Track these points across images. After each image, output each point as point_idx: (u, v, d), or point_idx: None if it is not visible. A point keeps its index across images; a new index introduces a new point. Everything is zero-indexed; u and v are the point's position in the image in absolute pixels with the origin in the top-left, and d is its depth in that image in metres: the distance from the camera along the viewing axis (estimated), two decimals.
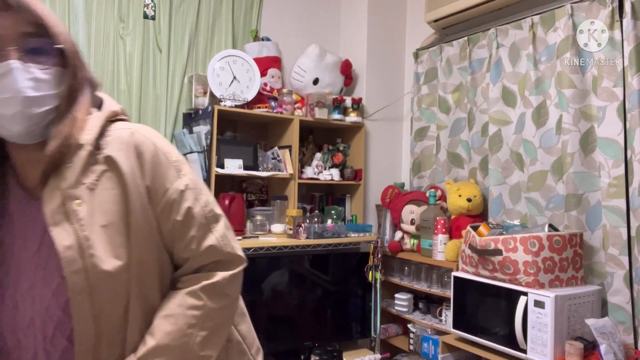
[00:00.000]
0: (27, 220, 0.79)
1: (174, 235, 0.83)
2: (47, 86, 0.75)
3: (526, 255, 1.74)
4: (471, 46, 2.43)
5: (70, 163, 0.76)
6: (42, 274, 0.77)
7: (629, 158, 1.78)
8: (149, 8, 2.50)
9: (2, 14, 0.72)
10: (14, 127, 0.74)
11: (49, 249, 0.76)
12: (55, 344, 0.77)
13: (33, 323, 0.77)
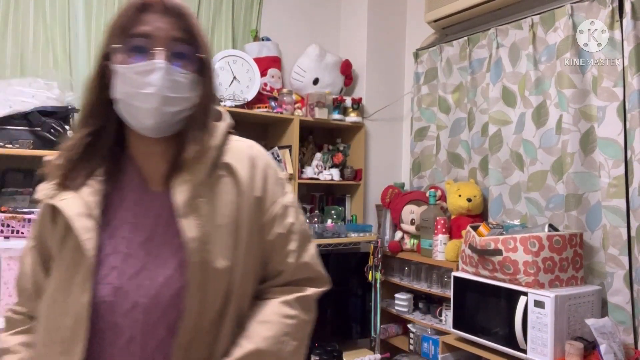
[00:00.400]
0: (141, 208, 0.83)
1: (274, 247, 0.88)
2: (183, 89, 0.80)
3: (526, 255, 1.74)
4: (471, 46, 2.43)
5: (199, 163, 0.82)
6: (153, 262, 0.80)
7: (629, 158, 1.78)
8: None
9: (161, 17, 0.79)
10: (146, 121, 0.79)
11: (163, 238, 0.81)
12: (154, 333, 0.78)
13: (135, 308, 0.78)
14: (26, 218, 1.82)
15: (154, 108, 0.78)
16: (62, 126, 2.00)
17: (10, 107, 1.89)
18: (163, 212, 0.82)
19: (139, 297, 0.78)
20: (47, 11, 2.27)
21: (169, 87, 0.78)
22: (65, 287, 0.78)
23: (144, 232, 0.81)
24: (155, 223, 0.82)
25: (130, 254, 0.80)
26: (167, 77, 0.78)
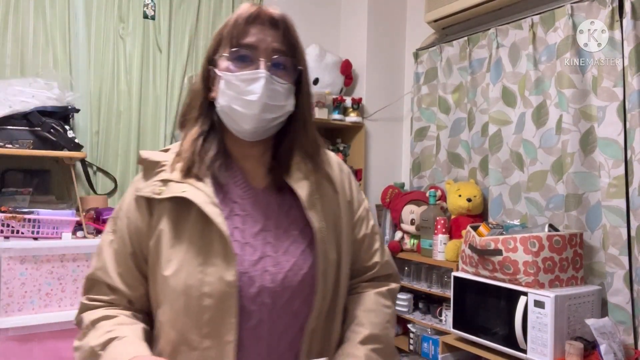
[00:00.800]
0: (247, 202, 0.89)
1: (362, 246, 0.99)
2: (281, 97, 0.87)
3: (526, 255, 1.74)
4: (471, 46, 2.43)
5: (305, 165, 0.91)
6: (272, 250, 0.86)
7: (629, 158, 1.78)
8: (149, 8, 2.50)
9: (266, 29, 0.86)
10: (246, 125, 0.86)
11: (277, 229, 0.88)
12: (280, 318, 0.84)
13: (262, 293, 0.83)
14: (26, 218, 1.82)
15: (255, 114, 0.84)
16: (62, 126, 2.00)
17: (10, 107, 1.89)
18: (271, 206, 0.90)
19: (265, 282, 0.83)
20: (47, 11, 2.27)
21: (269, 96, 0.84)
22: (200, 271, 0.81)
23: (256, 223, 0.88)
24: (265, 216, 0.89)
25: (247, 243, 0.85)
26: (268, 86, 0.84)
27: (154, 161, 0.90)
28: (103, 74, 2.40)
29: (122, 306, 0.89)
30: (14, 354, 1.76)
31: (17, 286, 1.77)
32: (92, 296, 0.90)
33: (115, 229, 0.91)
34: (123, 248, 0.89)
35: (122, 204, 0.92)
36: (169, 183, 0.86)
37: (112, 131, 2.42)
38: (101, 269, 0.89)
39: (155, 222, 0.87)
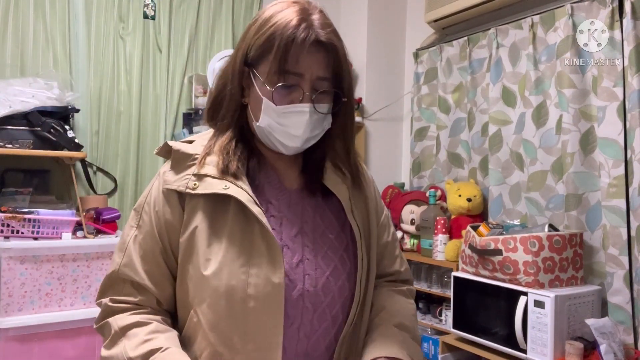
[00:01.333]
0: (282, 204, 0.87)
1: (385, 251, 1.00)
2: (321, 124, 0.85)
3: (526, 255, 1.74)
4: (471, 46, 2.43)
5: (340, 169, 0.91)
6: (312, 253, 0.85)
7: (629, 158, 1.78)
8: (149, 8, 2.50)
9: (315, 54, 0.81)
10: (284, 151, 0.85)
11: (314, 232, 0.87)
12: (320, 321, 0.83)
13: (302, 296, 0.82)
14: (26, 218, 1.82)
15: (296, 147, 0.84)
16: (62, 126, 2.00)
17: (10, 107, 1.89)
18: (306, 209, 0.88)
19: (306, 285, 0.82)
20: (47, 11, 2.27)
21: (311, 129, 0.83)
22: (243, 272, 0.78)
23: (292, 226, 0.86)
24: (301, 219, 0.87)
25: (286, 245, 0.83)
26: (311, 120, 0.82)
27: (186, 153, 0.85)
28: (103, 74, 2.40)
29: (150, 308, 0.84)
30: (14, 354, 1.76)
31: (17, 286, 1.77)
32: (116, 297, 0.83)
33: (140, 224, 0.85)
34: (151, 243, 0.83)
35: (148, 197, 0.86)
36: (205, 178, 0.82)
37: (112, 131, 2.42)
38: (127, 266, 0.83)
39: (187, 218, 0.82)
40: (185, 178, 0.82)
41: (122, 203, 2.43)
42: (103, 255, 1.91)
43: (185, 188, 0.81)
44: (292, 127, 0.81)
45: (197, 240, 0.81)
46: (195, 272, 0.80)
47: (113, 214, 2.10)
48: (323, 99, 0.83)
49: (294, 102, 0.81)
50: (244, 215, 0.80)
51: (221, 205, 0.81)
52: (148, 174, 2.50)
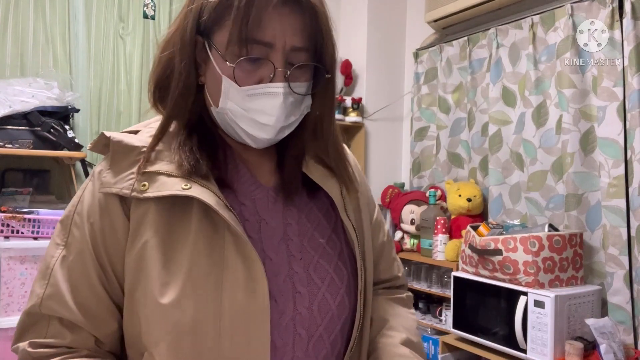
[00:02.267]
0: (260, 205, 0.70)
1: (381, 253, 0.85)
2: (297, 108, 0.67)
3: (526, 255, 1.74)
4: (471, 46, 2.43)
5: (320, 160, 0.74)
6: (299, 265, 0.67)
7: (629, 158, 1.78)
8: (149, 8, 2.50)
9: (288, 16, 0.62)
10: (252, 143, 0.68)
11: (301, 238, 0.70)
12: (317, 349, 0.67)
13: (294, 323, 0.65)
14: (26, 218, 1.82)
15: (268, 139, 0.66)
16: (62, 126, 2.00)
17: (10, 107, 1.89)
18: (289, 209, 0.71)
19: (298, 307, 0.65)
20: (47, 11, 2.27)
21: (287, 115, 0.65)
22: (213, 298, 0.60)
23: (274, 231, 0.68)
24: (284, 222, 0.70)
25: (267, 257, 0.66)
26: (286, 103, 0.64)
27: (130, 145, 0.65)
28: (103, 74, 2.40)
29: (85, 351, 0.63)
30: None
31: (17, 286, 1.77)
32: (38, 341, 0.62)
33: (69, 241, 0.65)
34: (85, 266, 0.63)
35: (79, 206, 0.66)
36: (156, 177, 0.63)
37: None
38: (52, 298, 0.62)
39: (134, 230, 0.63)
40: (129, 178, 0.63)
41: None
42: None
43: (130, 191, 0.62)
44: (261, 114, 0.64)
45: (148, 258, 0.61)
46: (147, 302, 0.61)
47: None
48: (300, 76, 0.65)
49: (263, 81, 0.63)
50: (210, 223, 0.62)
51: (179, 212, 0.63)
52: None
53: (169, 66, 0.67)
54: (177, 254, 0.61)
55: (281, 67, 0.63)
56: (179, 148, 0.65)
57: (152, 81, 0.70)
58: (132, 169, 0.64)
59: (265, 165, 0.73)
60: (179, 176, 0.63)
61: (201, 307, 0.59)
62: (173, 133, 0.68)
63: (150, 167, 0.64)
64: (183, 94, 0.66)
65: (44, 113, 1.97)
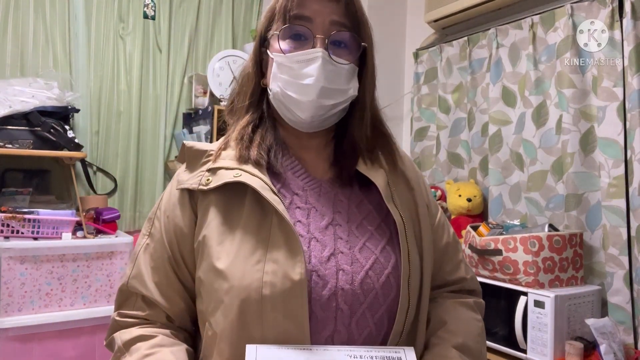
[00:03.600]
0: (310, 195, 0.77)
1: (445, 256, 0.85)
2: (341, 80, 0.76)
3: (526, 255, 1.74)
4: (471, 46, 2.43)
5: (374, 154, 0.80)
6: (346, 246, 0.72)
7: (629, 158, 1.78)
8: (149, 8, 2.50)
9: (327, 1, 0.74)
10: (302, 113, 0.75)
11: (349, 224, 0.75)
12: (360, 326, 0.70)
13: (336, 296, 0.68)
14: (26, 218, 1.82)
15: (312, 100, 0.73)
16: (62, 126, 2.01)
17: (10, 107, 1.89)
18: (339, 199, 0.77)
19: (340, 282, 0.69)
20: (47, 11, 2.27)
21: (327, 78, 0.73)
22: (257, 269, 0.68)
23: (322, 217, 0.74)
24: (333, 210, 0.75)
25: (314, 237, 0.72)
26: (326, 67, 0.73)
27: (200, 150, 0.78)
28: (103, 74, 2.40)
29: (159, 323, 0.76)
30: (14, 354, 1.76)
31: (17, 286, 1.77)
32: (124, 311, 0.77)
33: (152, 231, 0.78)
34: (161, 253, 0.75)
35: (160, 202, 0.80)
36: (218, 171, 0.74)
37: (112, 131, 2.42)
38: (136, 278, 0.76)
39: (201, 220, 0.74)
40: (199, 175, 0.75)
41: (122, 203, 2.43)
42: (103, 255, 1.91)
43: (197, 185, 0.74)
44: (304, 77, 0.73)
45: (209, 240, 0.72)
46: (206, 277, 0.71)
47: (113, 214, 2.10)
48: (342, 54, 0.75)
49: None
50: (260, 206, 0.71)
51: (236, 198, 0.73)
52: (148, 174, 2.51)
53: (241, 79, 0.81)
54: (231, 233, 0.71)
55: (321, 34, 0.73)
56: (240, 144, 0.76)
57: (230, 97, 0.84)
58: (202, 168, 0.76)
59: (321, 163, 0.81)
60: (235, 167, 0.73)
61: (246, 277, 0.67)
62: (238, 130, 0.78)
63: (215, 164, 0.75)
64: (247, 93, 0.79)
65: (44, 113, 1.97)
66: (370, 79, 0.82)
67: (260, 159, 0.74)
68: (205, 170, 0.75)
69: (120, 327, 0.76)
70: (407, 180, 0.82)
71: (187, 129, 2.50)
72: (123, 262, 1.94)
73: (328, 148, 0.81)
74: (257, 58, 0.79)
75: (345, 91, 0.76)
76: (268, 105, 0.81)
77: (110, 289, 1.92)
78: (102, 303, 1.90)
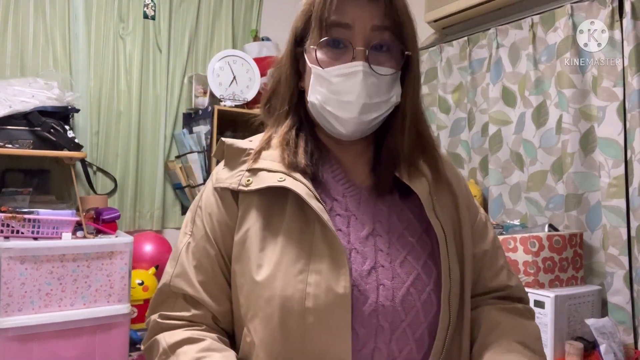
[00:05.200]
0: (351, 201, 0.74)
1: (484, 261, 0.81)
2: (384, 91, 0.71)
3: (526, 255, 1.74)
4: (471, 46, 2.43)
5: (417, 160, 0.76)
6: (386, 259, 0.69)
7: (629, 158, 1.78)
8: (149, 8, 2.50)
9: (367, 3, 0.68)
10: (341, 129, 0.73)
11: (389, 234, 0.72)
12: (401, 343, 0.67)
13: (376, 313, 0.66)
14: (26, 218, 1.82)
15: (352, 117, 0.70)
16: (62, 126, 2.00)
17: (10, 107, 1.89)
18: (379, 208, 0.74)
19: (381, 298, 0.67)
20: (47, 11, 2.27)
21: (368, 94, 0.69)
22: (300, 280, 0.66)
23: (363, 226, 0.71)
24: (374, 219, 0.72)
25: (354, 249, 0.69)
26: (367, 82, 0.68)
27: (240, 148, 0.76)
28: (103, 74, 2.40)
29: (205, 325, 0.72)
30: (14, 354, 1.76)
31: (17, 286, 1.77)
32: (166, 313, 0.73)
33: (193, 230, 0.76)
34: (205, 251, 0.73)
35: (199, 201, 0.77)
36: (259, 173, 0.72)
37: (112, 131, 2.42)
38: (180, 276, 0.73)
39: (241, 218, 0.72)
40: (238, 174, 0.73)
41: (122, 203, 2.43)
42: (103, 255, 1.91)
43: (238, 185, 0.72)
44: (344, 94, 0.69)
45: (249, 243, 0.70)
46: (246, 281, 0.69)
47: (113, 214, 2.10)
48: (384, 61, 0.70)
49: (345, 62, 0.69)
50: (303, 213, 0.69)
51: (278, 202, 0.71)
52: (148, 173, 2.51)
53: (278, 79, 0.78)
54: (272, 239, 0.69)
55: (361, 46, 0.68)
56: (281, 147, 0.74)
57: (264, 97, 0.82)
58: (242, 167, 0.74)
59: (361, 168, 0.78)
60: (278, 171, 0.71)
61: (288, 287, 0.65)
62: (279, 136, 0.76)
63: (255, 164, 0.73)
64: (286, 97, 0.77)
65: (44, 113, 1.97)
66: (414, 85, 0.74)
67: (307, 168, 0.72)
68: (246, 170, 0.73)
69: (162, 329, 0.72)
70: (449, 185, 0.78)
71: (187, 129, 2.50)
72: (123, 262, 1.94)
73: (368, 152, 0.78)
74: (292, 60, 0.75)
75: (387, 101, 0.72)
76: (306, 109, 0.77)
77: (110, 289, 1.92)
78: (102, 303, 1.90)
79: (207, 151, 2.35)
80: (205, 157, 2.36)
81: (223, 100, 2.40)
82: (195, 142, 2.41)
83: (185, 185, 2.44)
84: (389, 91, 0.71)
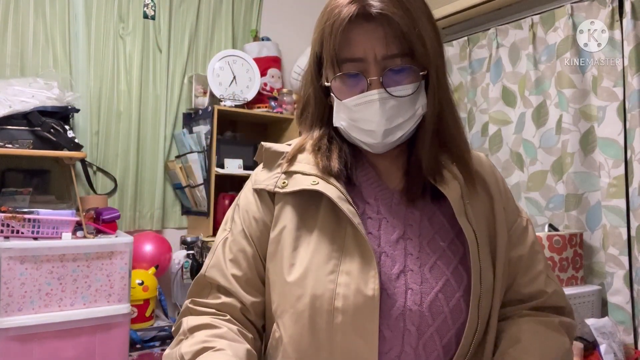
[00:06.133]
0: (383, 205, 0.75)
1: (519, 266, 0.79)
2: (404, 111, 0.71)
3: None
4: (471, 46, 2.43)
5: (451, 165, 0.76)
6: (415, 263, 0.70)
7: (629, 158, 1.78)
8: (149, 8, 2.50)
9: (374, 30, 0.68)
10: (369, 149, 0.75)
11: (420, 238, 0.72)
12: (428, 348, 0.68)
13: (404, 317, 0.67)
14: (26, 218, 1.82)
15: (376, 142, 0.72)
16: (62, 126, 2.00)
17: (10, 107, 1.89)
18: (411, 211, 0.74)
19: (409, 303, 0.67)
20: (47, 11, 2.27)
21: (389, 119, 0.70)
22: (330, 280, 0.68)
23: (394, 229, 0.72)
24: (405, 222, 0.73)
25: (384, 252, 0.71)
26: (386, 106, 0.69)
27: (277, 152, 0.79)
28: (103, 74, 2.40)
29: (230, 316, 0.74)
30: (14, 354, 1.76)
31: (17, 286, 1.77)
32: (197, 299, 0.77)
33: (231, 227, 0.80)
34: (241, 246, 0.77)
35: (239, 200, 0.82)
36: (294, 175, 0.75)
37: (112, 131, 2.42)
38: (215, 267, 0.77)
39: (276, 218, 0.75)
40: (275, 177, 0.77)
41: (122, 203, 2.43)
42: (103, 255, 1.91)
43: (274, 187, 0.76)
44: (364, 122, 0.71)
45: (283, 242, 0.73)
46: (278, 279, 0.72)
47: (113, 214, 2.10)
48: (402, 79, 0.69)
49: (362, 92, 0.70)
50: (335, 215, 0.71)
51: (312, 204, 0.73)
52: (148, 174, 2.51)
53: (307, 96, 0.80)
54: (305, 240, 0.72)
55: (375, 75, 0.69)
56: (316, 152, 0.76)
57: (299, 107, 0.84)
58: (278, 170, 0.78)
59: (394, 172, 0.78)
60: (312, 174, 0.74)
61: (319, 286, 0.68)
62: (314, 142, 0.78)
63: (291, 167, 0.76)
64: (314, 114, 0.80)
65: (44, 113, 1.96)
66: (435, 94, 0.72)
67: (341, 173, 0.74)
68: (282, 173, 0.77)
69: (190, 313, 0.76)
70: (486, 188, 0.78)
71: (187, 129, 2.50)
72: (123, 262, 1.94)
73: (402, 156, 0.78)
74: (317, 82, 0.76)
75: (412, 117, 0.72)
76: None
77: (110, 289, 1.92)
78: (102, 303, 1.90)
79: (207, 151, 2.35)
80: (205, 157, 2.36)
81: (223, 100, 2.40)
82: (195, 142, 2.41)
83: (185, 185, 2.44)
84: (412, 107, 0.71)
